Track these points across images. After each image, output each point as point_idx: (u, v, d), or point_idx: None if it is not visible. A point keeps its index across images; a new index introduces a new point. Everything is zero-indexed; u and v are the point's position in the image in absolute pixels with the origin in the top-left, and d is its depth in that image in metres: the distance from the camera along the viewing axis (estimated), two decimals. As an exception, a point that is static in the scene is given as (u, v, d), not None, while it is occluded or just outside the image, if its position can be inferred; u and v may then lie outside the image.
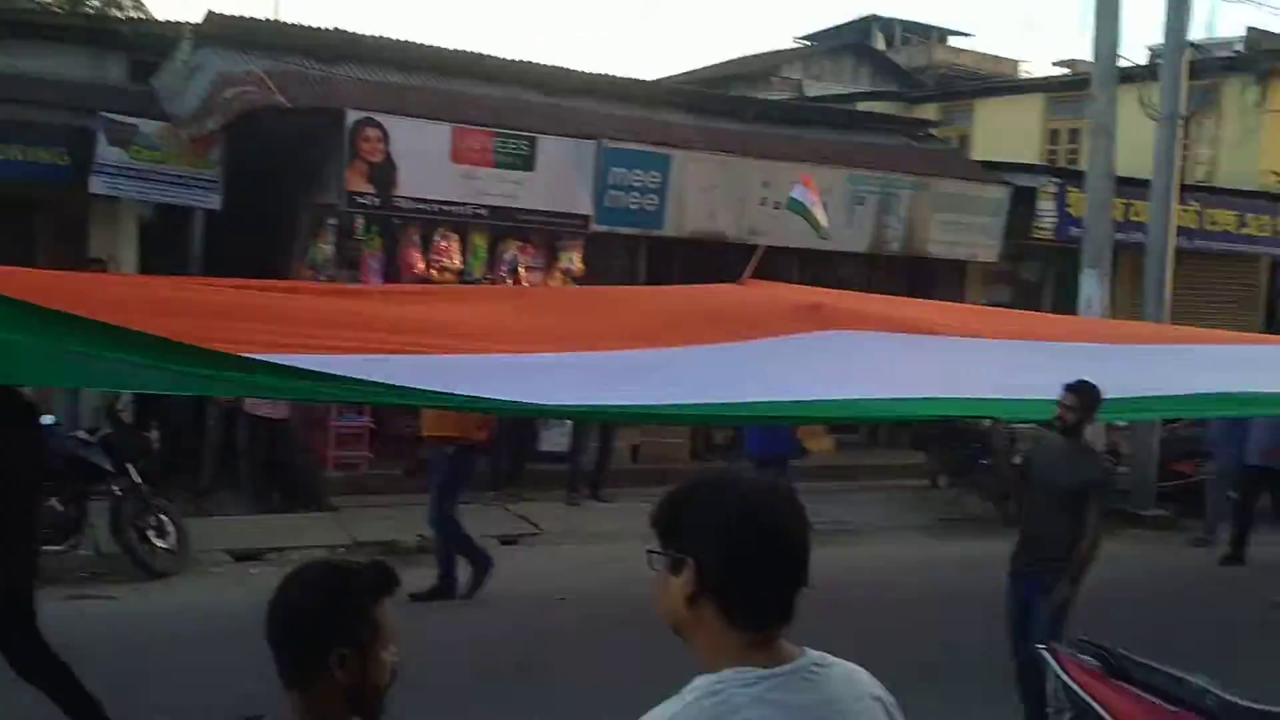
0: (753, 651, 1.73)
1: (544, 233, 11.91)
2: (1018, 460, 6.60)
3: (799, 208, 7.68)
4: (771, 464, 8.93)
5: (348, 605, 2.03)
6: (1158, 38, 12.82)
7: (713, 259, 11.34)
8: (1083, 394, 5.80)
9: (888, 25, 32.80)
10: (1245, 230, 15.69)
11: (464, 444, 7.86)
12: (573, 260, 12.05)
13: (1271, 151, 17.63)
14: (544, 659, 6.72)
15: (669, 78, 20.58)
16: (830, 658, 1.80)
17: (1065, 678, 4.50)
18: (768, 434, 9.33)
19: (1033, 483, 6.07)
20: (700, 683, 1.71)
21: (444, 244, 11.37)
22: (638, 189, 11.98)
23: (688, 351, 5.94)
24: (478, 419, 7.75)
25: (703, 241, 12.45)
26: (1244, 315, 16.38)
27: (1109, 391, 6.00)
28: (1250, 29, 18.47)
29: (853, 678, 1.82)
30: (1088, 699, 4.39)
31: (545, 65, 13.74)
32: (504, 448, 11.15)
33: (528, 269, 11.87)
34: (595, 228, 11.97)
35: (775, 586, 1.76)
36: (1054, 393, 5.89)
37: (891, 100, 21.58)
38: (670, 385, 5.59)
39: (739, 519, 1.74)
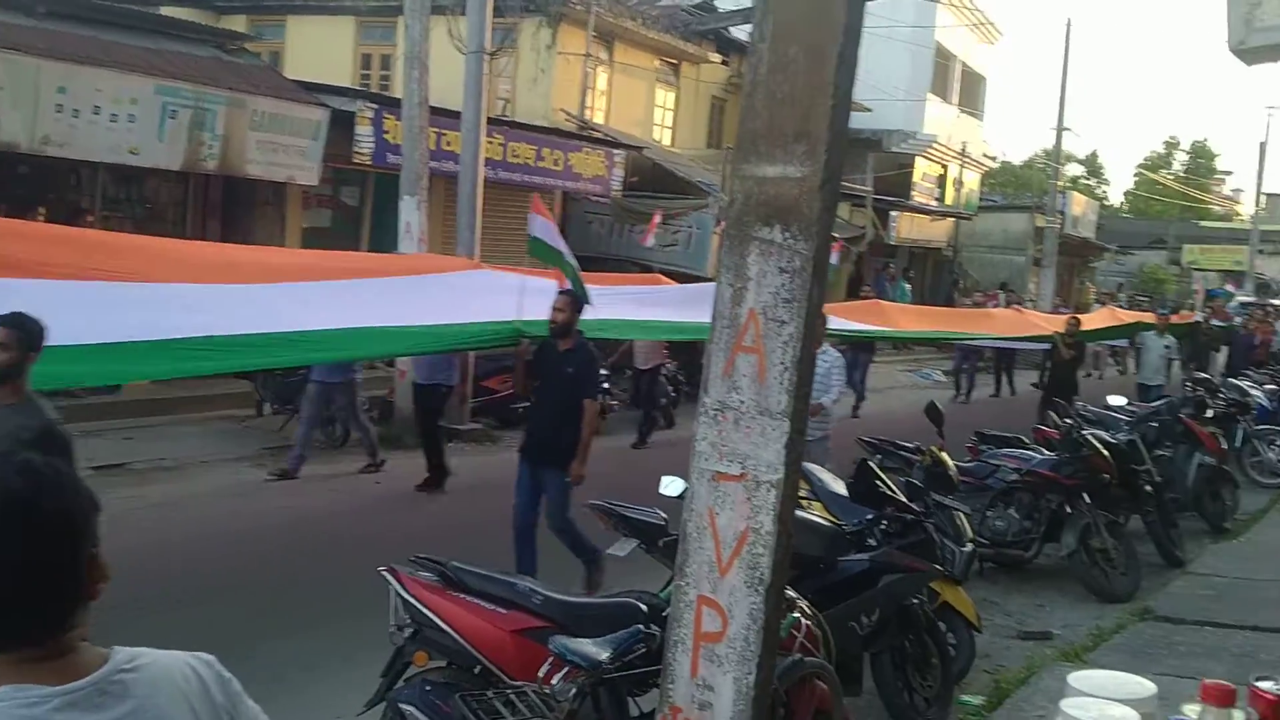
0: (30, 669, 1.45)
1: None
2: None
3: None
4: None
5: None
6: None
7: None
8: (17, 329, 4.64)
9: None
10: (542, 164, 17.18)
11: None
12: None
13: (561, 91, 19.45)
14: None
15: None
16: (144, 654, 1.57)
17: (406, 595, 4.64)
18: None
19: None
20: None
21: None
22: (-106, 84, 10.07)
23: None
24: None
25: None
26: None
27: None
28: (544, -28, 19.68)
29: (169, 672, 1.59)
30: (427, 612, 4.57)
31: None
32: None
33: None
34: None
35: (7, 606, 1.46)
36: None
37: (197, 8, 20.32)
38: None
39: None
